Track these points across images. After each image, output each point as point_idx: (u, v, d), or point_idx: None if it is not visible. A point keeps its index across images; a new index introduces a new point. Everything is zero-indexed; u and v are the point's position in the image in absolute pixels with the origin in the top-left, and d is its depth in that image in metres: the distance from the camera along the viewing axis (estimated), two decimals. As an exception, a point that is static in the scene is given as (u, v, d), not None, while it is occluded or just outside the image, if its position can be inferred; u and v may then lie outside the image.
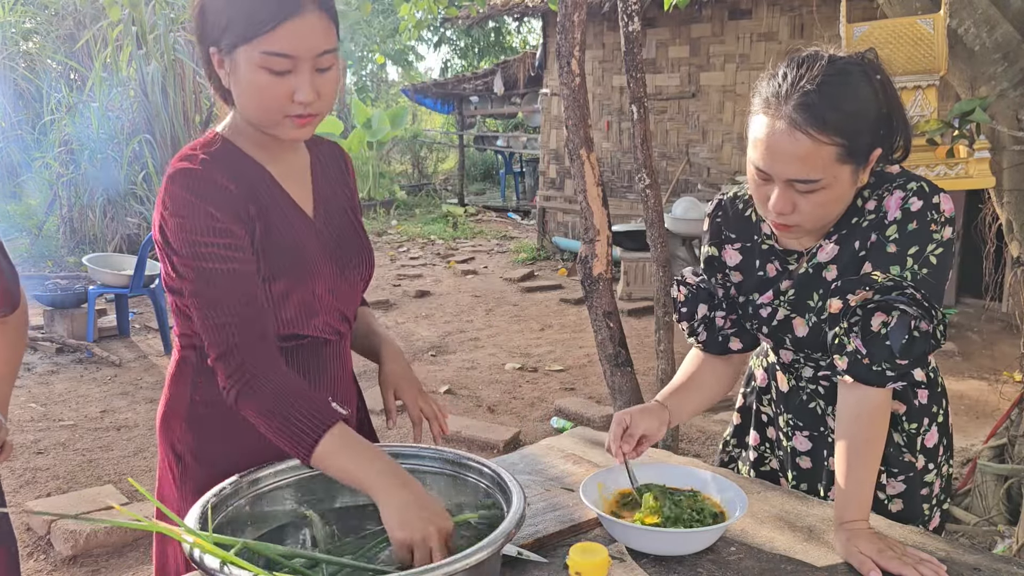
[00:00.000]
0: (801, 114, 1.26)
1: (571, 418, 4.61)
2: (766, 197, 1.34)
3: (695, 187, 8.35)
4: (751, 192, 1.39)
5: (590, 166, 3.09)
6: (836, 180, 1.29)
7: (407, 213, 13.80)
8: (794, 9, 7.46)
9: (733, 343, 1.61)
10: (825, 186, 1.29)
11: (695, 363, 1.65)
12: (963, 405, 4.77)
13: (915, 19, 2.33)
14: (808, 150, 1.26)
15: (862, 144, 1.29)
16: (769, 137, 1.29)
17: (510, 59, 13.65)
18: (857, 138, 1.28)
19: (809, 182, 1.28)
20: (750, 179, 1.37)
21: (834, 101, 1.26)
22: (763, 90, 1.32)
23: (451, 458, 1.34)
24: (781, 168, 1.29)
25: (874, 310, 1.30)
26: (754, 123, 1.33)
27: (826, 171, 1.28)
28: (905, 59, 2.31)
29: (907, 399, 1.50)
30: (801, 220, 1.34)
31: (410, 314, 7.31)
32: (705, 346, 1.62)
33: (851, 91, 1.28)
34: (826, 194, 1.30)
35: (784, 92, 1.28)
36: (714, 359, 1.63)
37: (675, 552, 1.30)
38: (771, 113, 1.29)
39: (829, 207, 1.33)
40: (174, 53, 9.49)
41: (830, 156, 1.27)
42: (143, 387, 5.25)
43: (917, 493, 1.52)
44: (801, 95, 1.26)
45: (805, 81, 1.27)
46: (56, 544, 3.23)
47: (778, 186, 1.31)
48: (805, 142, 1.26)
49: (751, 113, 1.35)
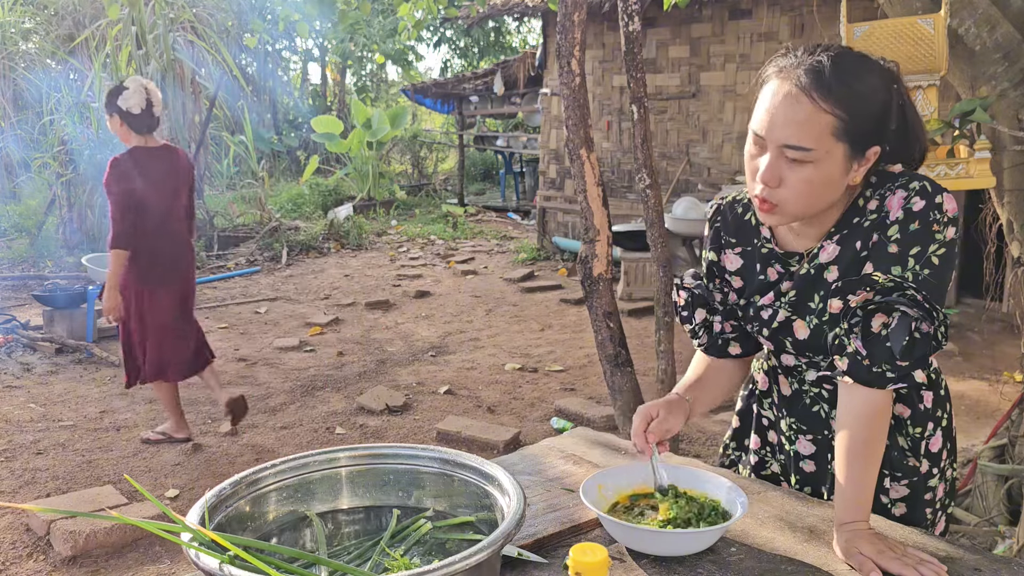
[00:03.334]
0: (809, 77, 1.27)
1: (571, 418, 4.61)
2: (756, 169, 1.33)
3: (695, 187, 8.35)
4: (746, 167, 1.38)
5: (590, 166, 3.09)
6: (827, 156, 1.28)
7: (407, 213, 13.80)
8: (794, 9, 7.45)
9: (732, 348, 1.60)
10: (815, 159, 1.28)
11: (704, 360, 1.65)
12: (963, 405, 4.77)
13: (915, 19, 2.33)
14: (807, 114, 1.27)
15: (862, 128, 1.29)
16: (773, 99, 1.30)
17: (510, 59, 13.64)
18: (858, 119, 1.28)
19: (801, 150, 1.28)
20: (746, 153, 1.36)
21: (844, 76, 1.28)
22: (779, 60, 1.34)
23: (450, 458, 1.33)
24: (778, 132, 1.29)
25: (875, 311, 1.29)
26: (763, 90, 1.34)
27: (820, 142, 1.27)
28: (905, 59, 2.31)
29: (912, 403, 1.49)
30: (785, 197, 1.31)
31: (410, 314, 7.31)
32: (705, 349, 1.62)
33: (863, 74, 1.30)
34: (814, 170, 1.29)
35: (799, 59, 1.31)
36: (718, 359, 1.63)
37: (675, 553, 1.30)
38: (781, 77, 1.31)
39: (815, 189, 1.31)
40: (173, 53, 9.49)
41: (827, 126, 1.27)
42: (142, 387, 5.25)
43: (921, 498, 1.51)
44: (814, 62, 1.29)
45: (821, 53, 1.30)
46: (56, 544, 3.23)
47: (770, 153, 1.31)
48: (807, 105, 1.27)
49: (762, 84, 1.35)
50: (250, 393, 5.16)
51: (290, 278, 8.85)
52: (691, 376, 1.63)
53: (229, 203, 11.24)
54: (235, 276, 8.84)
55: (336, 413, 4.82)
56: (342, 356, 6.01)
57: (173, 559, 3.19)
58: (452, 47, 22.38)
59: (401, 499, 1.35)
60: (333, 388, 5.28)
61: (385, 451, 1.37)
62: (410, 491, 1.35)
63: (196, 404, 4.95)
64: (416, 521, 1.29)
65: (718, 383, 1.63)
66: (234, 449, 4.29)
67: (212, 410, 4.85)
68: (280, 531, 1.30)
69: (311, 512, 1.31)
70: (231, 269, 9.12)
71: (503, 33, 22.31)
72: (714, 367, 1.63)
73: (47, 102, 9.72)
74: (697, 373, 1.63)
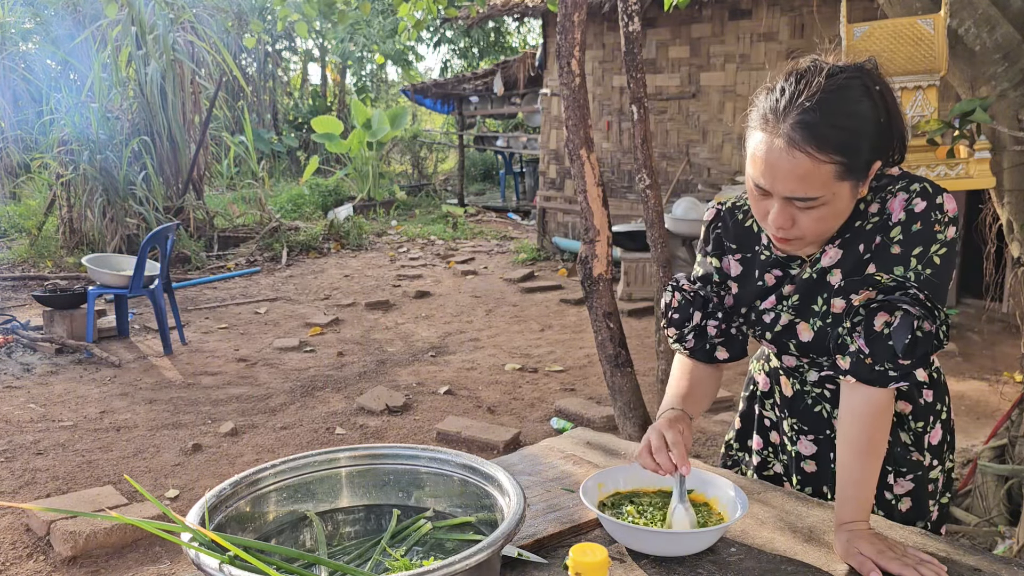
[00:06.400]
0: (800, 132, 1.24)
1: (571, 419, 4.61)
2: (766, 212, 1.34)
3: (695, 187, 8.35)
4: (751, 205, 1.38)
5: (590, 166, 3.09)
6: (836, 196, 1.29)
7: (407, 213, 13.80)
8: (794, 9, 7.45)
9: (720, 353, 1.58)
10: (825, 203, 1.29)
11: (688, 367, 1.60)
12: (963, 406, 4.77)
13: (915, 19, 2.33)
14: (807, 169, 1.25)
15: (861, 160, 1.29)
16: (768, 155, 1.27)
17: (510, 59, 13.63)
18: (856, 155, 1.27)
19: (808, 199, 1.28)
20: (749, 193, 1.36)
21: (833, 119, 1.24)
22: (761, 105, 1.31)
23: (450, 458, 1.33)
24: (780, 186, 1.28)
25: (877, 310, 1.30)
26: (752, 139, 1.31)
27: (825, 188, 1.27)
28: (905, 59, 2.31)
29: (913, 399, 1.50)
30: (801, 234, 1.33)
31: (410, 315, 7.31)
32: (692, 353, 1.59)
33: (850, 107, 1.27)
34: (826, 210, 1.30)
35: (782, 108, 1.27)
36: (703, 364, 1.60)
37: (675, 553, 1.30)
38: (769, 130, 1.27)
39: (829, 221, 1.33)
40: (173, 53, 9.49)
41: (829, 174, 1.26)
42: (142, 388, 5.25)
43: (924, 491, 1.53)
44: (799, 112, 1.25)
45: (803, 98, 1.25)
46: (56, 545, 3.23)
47: (777, 202, 1.30)
48: (804, 161, 1.24)
49: (749, 128, 1.33)
50: (250, 393, 5.16)
51: (290, 278, 8.85)
52: (682, 387, 1.58)
53: (229, 203, 11.24)
54: (235, 276, 8.84)
55: (336, 413, 4.82)
56: (342, 356, 6.01)
57: (173, 559, 3.19)
58: (452, 47, 22.38)
59: (401, 499, 1.35)
60: (333, 388, 5.28)
61: (385, 451, 1.37)
62: (410, 491, 1.35)
63: (196, 404, 4.95)
64: (416, 521, 1.29)
65: (705, 391, 1.59)
66: (234, 449, 4.29)
67: (212, 410, 4.85)
68: (280, 531, 1.30)
69: (311, 512, 1.31)
70: (231, 269, 9.12)
71: (503, 33, 22.31)
72: (698, 374, 1.59)
73: (47, 102, 9.73)
74: (687, 383, 1.58)
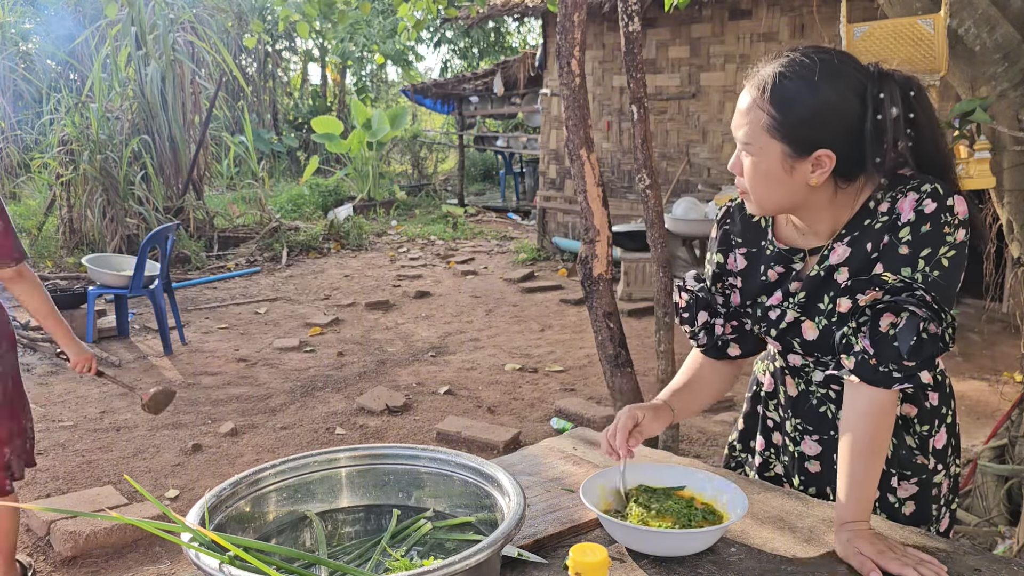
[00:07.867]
0: (758, 77, 1.35)
1: (571, 419, 4.61)
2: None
3: (695, 187, 8.35)
4: None
5: (590, 166, 3.09)
6: (763, 152, 1.34)
7: (407, 213, 13.80)
8: (794, 9, 7.45)
9: (732, 349, 1.62)
10: (753, 153, 1.35)
11: (697, 362, 1.66)
12: (963, 406, 4.77)
13: (915, 19, 2.32)
14: (747, 108, 1.35)
15: (797, 131, 1.31)
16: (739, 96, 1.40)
17: (510, 59, 13.63)
18: (791, 120, 1.31)
19: (745, 143, 1.36)
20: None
21: (788, 78, 1.32)
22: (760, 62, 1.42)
23: (450, 458, 1.34)
24: (734, 123, 1.38)
25: (883, 311, 1.29)
26: None
27: (755, 136, 1.34)
28: (905, 59, 2.31)
29: (919, 402, 1.49)
30: (746, 185, 1.39)
31: (410, 315, 7.31)
32: (705, 350, 1.64)
33: (815, 79, 1.31)
34: (754, 164, 1.36)
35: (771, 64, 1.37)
36: (714, 360, 1.65)
37: (675, 553, 1.30)
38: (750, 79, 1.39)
39: (760, 178, 1.36)
40: (173, 53, 9.50)
41: (759, 122, 1.33)
42: (142, 387, 5.25)
43: (928, 495, 1.52)
44: (777, 67, 1.34)
45: (788, 54, 1.35)
46: (56, 545, 3.23)
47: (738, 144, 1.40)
48: (747, 99, 1.36)
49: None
50: (250, 393, 5.16)
51: (290, 278, 8.85)
52: (680, 381, 1.66)
53: (229, 203, 11.24)
54: (235, 276, 8.83)
55: (336, 413, 4.82)
56: (342, 356, 6.01)
57: (173, 559, 3.19)
58: (452, 47, 22.38)
59: (401, 499, 1.35)
60: (333, 388, 5.28)
61: (385, 451, 1.37)
62: (410, 491, 1.35)
63: (196, 404, 4.95)
64: (416, 521, 1.29)
65: (709, 387, 1.66)
66: (234, 449, 4.29)
67: (212, 410, 4.85)
68: (280, 531, 1.30)
69: (311, 512, 1.31)
70: (231, 269, 9.12)
71: (503, 33, 22.31)
72: (707, 369, 1.65)
73: (47, 102, 9.73)
74: (686, 378, 1.65)
